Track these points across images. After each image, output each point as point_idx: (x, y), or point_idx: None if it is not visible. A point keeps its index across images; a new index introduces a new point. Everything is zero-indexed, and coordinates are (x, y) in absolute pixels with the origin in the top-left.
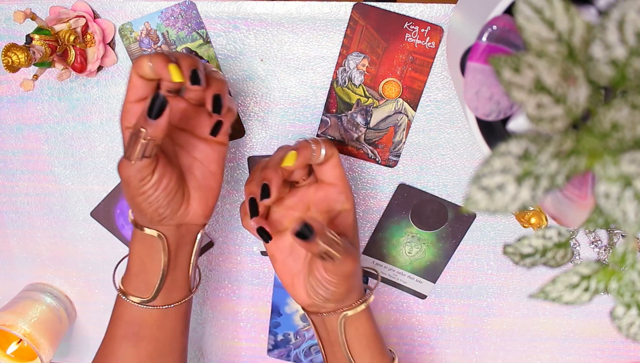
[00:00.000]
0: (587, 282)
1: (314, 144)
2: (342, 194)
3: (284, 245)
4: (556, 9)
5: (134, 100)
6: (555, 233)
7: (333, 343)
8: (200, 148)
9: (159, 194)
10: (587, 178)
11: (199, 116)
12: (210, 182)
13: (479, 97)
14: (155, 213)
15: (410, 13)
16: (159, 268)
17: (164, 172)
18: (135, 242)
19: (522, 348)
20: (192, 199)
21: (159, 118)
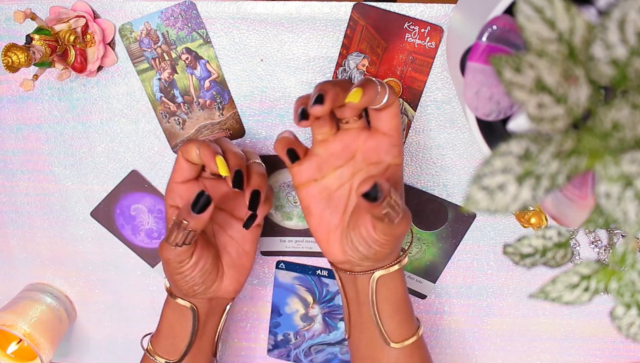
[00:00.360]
0: (587, 282)
1: (379, 85)
2: (395, 147)
3: (320, 196)
4: (557, 8)
5: (180, 181)
6: (555, 233)
7: (362, 303)
8: (237, 228)
9: (195, 274)
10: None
11: (238, 198)
12: (243, 260)
13: (479, 97)
14: (190, 290)
15: (410, 13)
16: (188, 335)
17: (201, 255)
18: (167, 308)
19: (522, 348)
20: (225, 277)
21: (201, 213)
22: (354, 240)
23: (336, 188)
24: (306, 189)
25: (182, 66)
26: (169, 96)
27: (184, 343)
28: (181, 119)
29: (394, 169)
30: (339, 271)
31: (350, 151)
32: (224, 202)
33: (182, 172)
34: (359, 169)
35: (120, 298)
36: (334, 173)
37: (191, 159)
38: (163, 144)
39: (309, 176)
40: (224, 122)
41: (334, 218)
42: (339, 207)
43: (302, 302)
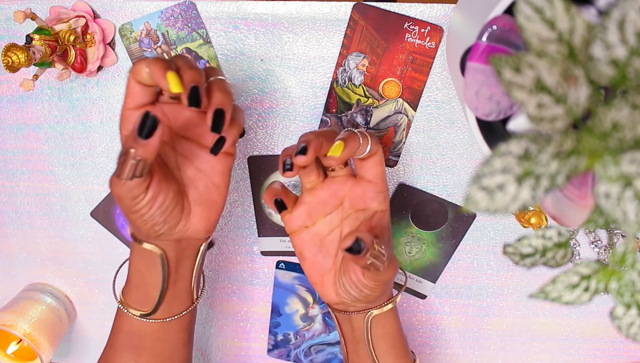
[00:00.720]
0: (587, 282)
1: (361, 137)
2: (380, 193)
3: (312, 242)
4: (557, 8)
5: (133, 107)
6: (555, 233)
7: (358, 341)
8: (205, 158)
9: (154, 212)
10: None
11: (204, 124)
12: (213, 195)
13: (479, 97)
14: (151, 230)
15: (410, 13)
16: (159, 282)
17: (158, 189)
18: (134, 255)
19: (522, 348)
20: (193, 215)
21: (149, 138)
22: (345, 284)
23: (327, 233)
24: (298, 235)
25: None
26: None
27: (156, 292)
28: None
29: (380, 215)
30: (335, 311)
31: (338, 198)
32: (189, 129)
33: (134, 97)
34: (348, 215)
35: None
36: (323, 219)
37: (142, 80)
38: None
39: (300, 224)
40: None
41: (326, 261)
42: (330, 251)
43: (302, 302)
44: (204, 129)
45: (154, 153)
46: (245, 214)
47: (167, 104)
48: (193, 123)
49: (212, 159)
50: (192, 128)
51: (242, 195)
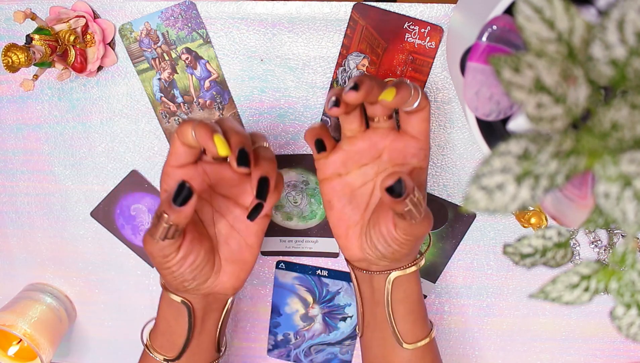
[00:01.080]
0: (587, 282)
1: (413, 89)
2: (422, 150)
3: (343, 192)
4: (556, 8)
5: (176, 165)
6: (555, 233)
7: (376, 302)
8: (241, 217)
9: (184, 270)
10: (587, 177)
11: (243, 184)
12: (245, 255)
13: (479, 97)
14: (180, 285)
15: (410, 13)
16: (185, 331)
17: (190, 249)
18: (162, 302)
19: (522, 348)
20: (223, 272)
21: (183, 206)
22: (373, 237)
23: (359, 185)
24: (329, 183)
25: (182, 66)
26: (169, 96)
27: (181, 340)
28: (181, 119)
29: (418, 172)
30: (355, 269)
31: (377, 150)
32: (228, 188)
33: (178, 156)
34: (384, 169)
35: (120, 298)
36: (358, 170)
37: (187, 142)
38: (163, 144)
39: (333, 171)
40: None
41: (354, 214)
42: (360, 204)
43: (302, 302)
44: (243, 189)
45: (187, 219)
46: None
47: (208, 163)
48: (232, 183)
49: (245, 219)
50: (231, 187)
51: None
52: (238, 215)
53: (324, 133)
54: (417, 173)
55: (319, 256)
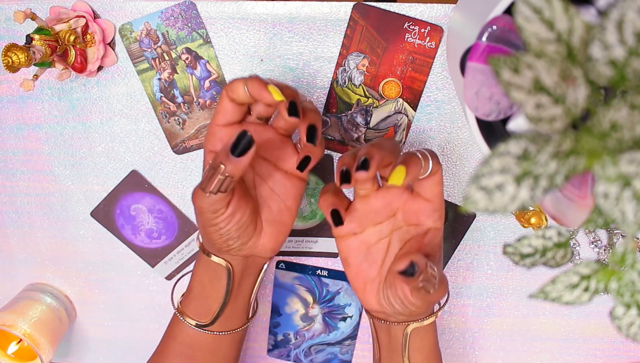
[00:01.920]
0: (587, 282)
1: (423, 159)
2: (436, 212)
3: (359, 249)
4: (555, 9)
5: (223, 123)
6: (555, 233)
7: (393, 350)
8: (281, 181)
9: (231, 227)
10: (587, 178)
11: (284, 147)
12: (284, 217)
13: (479, 97)
14: (224, 244)
15: (410, 13)
16: (221, 295)
17: (238, 206)
18: (199, 266)
19: (522, 348)
20: (264, 233)
21: (241, 157)
22: (390, 296)
23: (375, 242)
24: (345, 241)
25: (182, 66)
26: (169, 96)
27: (217, 305)
28: (181, 119)
29: (433, 233)
30: (373, 319)
31: (391, 210)
32: (269, 151)
33: (225, 114)
34: (399, 227)
35: (120, 298)
36: (373, 228)
37: (237, 98)
38: (163, 144)
39: (348, 230)
40: None
41: (371, 270)
42: (377, 260)
43: (302, 302)
44: (283, 153)
45: (243, 171)
46: None
47: (252, 124)
48: (274, 145)
49: (287, 182)
50: (273, 150)
51: None
52: (278, 179)
53: (338, 201)
54: (432, 235)
55: (319, 256)
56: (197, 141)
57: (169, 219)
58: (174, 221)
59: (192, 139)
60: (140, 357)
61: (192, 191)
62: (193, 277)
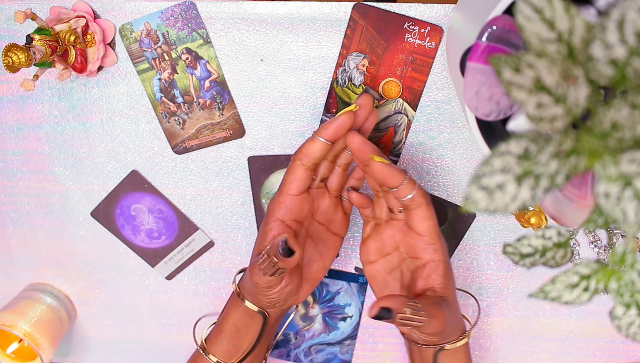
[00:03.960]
0: (587, 282)
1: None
2: (430, 246)
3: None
4: (556, 9)
5: (295, 193)
6: (554, 233)
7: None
8: (327, 243)
9: (281, 296)
10: (587, 177)
11: (337, 211)
12: (320, 274)
13: (479, 97)
14: (270, 305)
15: (410, 13)
16: (253, 339)
17: (290, 280)
18: (234, 309)
19: (522, 348)
20: (302, 290)
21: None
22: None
23: (388, 271)
24: (366, 267)
25: (182, 66)
26: (169, 96)
27: (248, 345)
28: (181, 119)
29: (433, 265)
30: (405, 339)
31: (395, 242)
32: (324, 216)
33: (299, 183)
34: (404, 259)
35: (120, 298)
36: (384, 259)
37: (313, 157)
38: (163, 144)
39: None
40: (224, 122)
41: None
42: (395, 289)
43: (302, 302)
44: (335, 218)
45: (293, 266)
46: (246, 215)
47: (315, 190)
48: (330, 211)
49: (331, 244)
50: (327, 215)
51: (242, 195)
52: (326, 240)
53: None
54: (432, 267)
55: None
56: (197, 141)
57: (169, 219)
58: (174, 221)
59: (192, 139)
60: (140, 357)
61: (250, 265)
62: (226, 318)
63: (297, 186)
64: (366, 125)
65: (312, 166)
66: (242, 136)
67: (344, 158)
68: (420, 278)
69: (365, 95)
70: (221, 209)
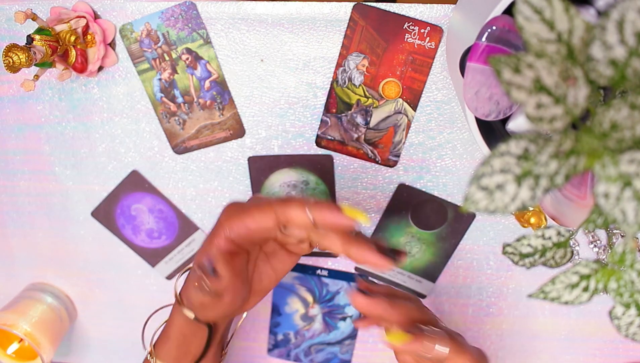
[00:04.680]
0: (587, 282)
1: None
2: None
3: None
4: (556, 9)
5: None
6: (554, 232)
7: None
8: (282, 258)
9: (222, 311)
10: (587, 177)
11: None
12: (271, 286)
13: (478, 97)
14: (210, 318)
15: (410, 13)
16: (202, 346)
17: (233, 298)
18: (178, 318)
19: (522, 348)
20: (248, 302)
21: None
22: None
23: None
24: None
25: (183, 66)
26: (170, 96)
27: (198, 351)
28: (181, 120)
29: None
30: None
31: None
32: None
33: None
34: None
35: (120, 297)
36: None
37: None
38: (163, 144)
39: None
40: (224, 122)
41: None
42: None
43: (302, 302)
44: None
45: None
46: None
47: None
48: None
49: (287, 259)
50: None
51: (242, 195)
52: (280, 256)
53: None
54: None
55: (319, 256)
56: (198, 141)
57: (169, 219)
58: (174, 221)
59: (193, 139)
60: (140, 357)
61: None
62: (171, 326)
63: (258, 231)
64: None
65: (283, 227)
66: (242, 136)
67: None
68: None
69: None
70: (221, 209)
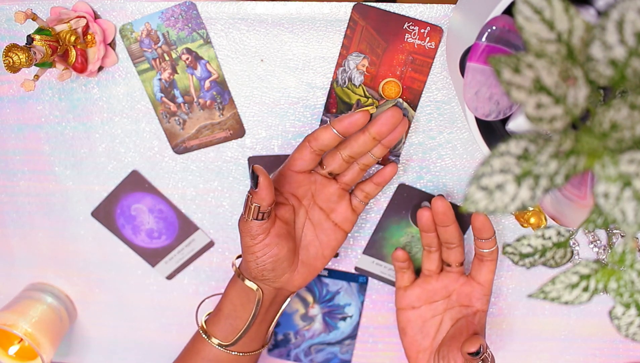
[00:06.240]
0: (587, 282)
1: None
2: (485, 296)
3: (415, 322)
4: (556, 9)
5: (296, 170)
6: (554, 232)
7: None
8: (327, 231)
9: (267, 258)
10: (587, 177)
11: (340, 202)
12: (318, 263)
13: (478, 97)
14: (259, 273)
15: (410, 13)
16: (248, 318)
17: (276, 241)
18: (232, 288)
19: (522, 348)
20: (297, 272)
21: (259, 190)
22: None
23: (429, 317)
24: (405, 313)
25: (183, 66)
26: (170, 96)
27: (243, 325)
28: (181, 120)
29: (480, 315)
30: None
31: (447, 291)
32: (326, 202)
33: (303, 162)
34: (451, 307)
35: (120, 297)
36: (429, 306)
37: (322, 145)
38: (163, 144)
39: (408, 303)
40: (224, 122)
41: (424, 341)
42: (430, 334)
43: (302, 302)
44: (338, 206)
45: (264, 201)
46: None
47: (319, 175)
48: (332, 198)
49: (332, 233)
50: (330, 203)
51: (242, 195)
52: (326, 228)
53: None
54: (480, 317)
55: None
56: (198, 141)
57: (170, 219)
58: (175, 221)
59: (193, 139)
60: (140, 357)
61: (239, 222)
62: (225, 297)
63: (299, 164)
64: (394, 134)
65: (318, 151)
66: (242, 136)
67: (366, 159)
68: (472, 324)
69: (395, 108)
70: (221, 209)
